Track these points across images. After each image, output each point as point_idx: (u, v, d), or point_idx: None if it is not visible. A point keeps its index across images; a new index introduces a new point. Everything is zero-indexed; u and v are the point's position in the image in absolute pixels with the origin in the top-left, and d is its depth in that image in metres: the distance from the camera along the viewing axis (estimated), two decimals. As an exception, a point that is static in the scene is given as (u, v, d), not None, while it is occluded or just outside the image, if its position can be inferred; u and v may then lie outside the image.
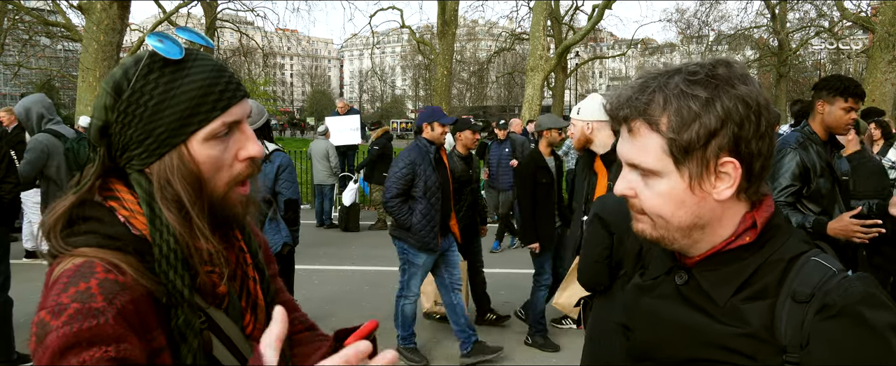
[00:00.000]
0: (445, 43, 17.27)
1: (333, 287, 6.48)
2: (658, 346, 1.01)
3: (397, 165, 4.44)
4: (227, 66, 0.96)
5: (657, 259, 1.08)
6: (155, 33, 0.91)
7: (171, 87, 0.90)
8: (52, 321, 0.79)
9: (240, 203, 0.97)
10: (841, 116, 2.99)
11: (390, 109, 64.85)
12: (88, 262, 0.85)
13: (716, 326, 0.93)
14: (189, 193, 0.91)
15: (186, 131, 0.90)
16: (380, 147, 9.64)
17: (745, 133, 0.90)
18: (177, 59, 0.90)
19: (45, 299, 0.83)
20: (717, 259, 0.97)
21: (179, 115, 0.89)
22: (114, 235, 0.90)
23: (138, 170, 0.92)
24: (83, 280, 0.82)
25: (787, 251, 0.94)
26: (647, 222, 0.98)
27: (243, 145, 0.95)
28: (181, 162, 0.91)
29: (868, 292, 0.86)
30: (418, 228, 4.38)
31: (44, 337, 0.79)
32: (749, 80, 0.92)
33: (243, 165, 0.96)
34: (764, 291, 0.92)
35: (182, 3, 23.66)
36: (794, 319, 0.88)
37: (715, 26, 29.53)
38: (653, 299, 1.04)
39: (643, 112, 0.93)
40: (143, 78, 0.90)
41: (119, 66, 0.94)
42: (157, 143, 0.90)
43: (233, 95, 0.93)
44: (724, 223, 0.96)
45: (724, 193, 0.93)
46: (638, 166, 0.96)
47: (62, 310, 0.79)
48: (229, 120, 0.93)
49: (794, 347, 0.88)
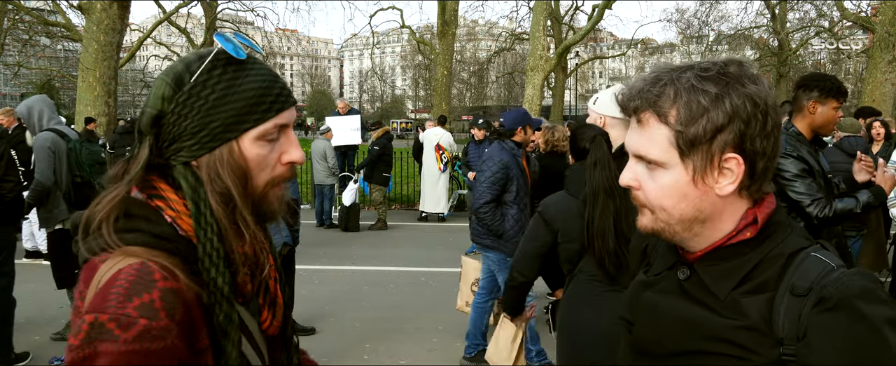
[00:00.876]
0: (445, 43, 17.28)
1: (333, 287, 6.48)
2: (658, 339, 1.03)
3: (489, 169, 4.20)
4: (280, 74, 1.00)
5: (661, 256, 1.10)
6: (221, 33, 0.96)
7: (232, 85, 0.94)
8: (118, 331, 0.80)
9: (277, 201, 1.00)
10: (832, 116, 3.00)
11: (390, 109, 64.84)
12: (145, 265, 0.86)
13: (716, 319, 0.95)
14: (238, 186, 0.94)
15: (241, 128, 0.94)
16: (380, 147, 9.65)
17: (751, 131, 0.92)
18: (241, 59, 0.95)
19: (101, 300, 0.83)
20: (719, 254, 0.98)
21: (237, 112, 0.93)
22: (163, 235, 0.92)
23: (184, 163, 0.94)
24: (146, 291, 0.83)
25: (787, 247, 0.95)
26: (647, 215, 1.00)
27: (287, 149, 1.00)
28: (231, 157, 0.94)
29: (866, 286, 0.87)
30: (512, 235, 4.13)
31: (101, 341, 0.80)
32: (759, 80, 0.95)
33: (285, 168, 1.00)
34: (764, 285, 0.94)
35: (182, 3, 23.66)
36: (792, 312, 0.89)
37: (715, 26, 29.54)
38: (654, 294, 1.06)
39: (654, 104, 0.95)
40: (207, 73, 0.94)
41: (180, 61, 0.97)
42: (210, 136, 0.93)
43: (286, 101, 0.98)
44: (724, 218, 0.97)
45: (726, 189, 0.95)
46: (644, 157, 0.98)
47: (130, 324, 0.80)
48: (280, 123, 0.97)
49: (790, 339, 0.89)
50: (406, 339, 4.98)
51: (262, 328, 1.04)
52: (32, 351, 4.52)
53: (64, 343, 4.68)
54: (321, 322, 5.18)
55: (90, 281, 0.87)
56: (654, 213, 0.99)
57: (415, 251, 6.75)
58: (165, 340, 0.82)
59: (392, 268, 7.31)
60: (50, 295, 5.63)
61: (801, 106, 3.05)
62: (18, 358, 4.36)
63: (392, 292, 6.36)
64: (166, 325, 0.83)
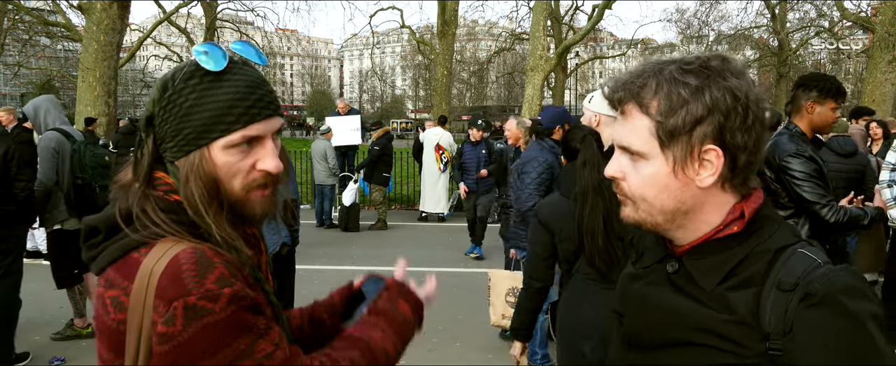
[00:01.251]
0: (445, 43, 17.27)
1: (333, 287, 6.43)
2: (648, 331, 1.04)
3: (534, 169, 4.09)
4: (263, 84, 1.04)
5: (649, 249, 1.11)
6: (205, 43, 1.02)
7: (203, 95, 0.99)
8: (210, 305, 0.91)
9: (259, 205, 1.05)
10: (830, 116, 3.00)
11: (390, 109, 64.83)
12: (196, 248, 0.96)
13: (703, 310, 0.96)
14: (202, 191, 1.00)
15: (209, 137, 0.99)
16: (380, 148, 9.64)
17: (731, 124, 0.94)
18: (216, 70, 1.00)
19: (179, 286, 0.91)
20: (705, 248, 1.00)
21: (205, 121, 0.99)
22: (190, 224, 1.00)
23: (171, 161, 1.02)
24: (211, 267, 0.94)
25: (774, 242, 0.97)
26: (630, 206, 1.03)
27: (262, 158, 1.03)
28: (201, 162, 1.00)
29: (851, 283, 0.88)
30: None
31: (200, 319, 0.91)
32: (742, 74, 0.96)
33: (260, 174, 1.04)
34: (750, 279, 0.95)
35: (182, 3, 23.67)
36: (779, 307, 0.90)
37: (715, 26, 29.54)
38: (643, 286, 1.08)
39: (636, 95, 0.97)
40: (184, 81, 1.00)
41: (175, 67, 1.05)
42: (185, 140, 1.00)
43: (258, 113, 1.02)
44: (707, 211, 0.99)
45: (706, 180, 0.96)
46: (627, 148, 1.00)
47: (217, 296, 0.92)
48: (250, 134, 1.01)
49: (777, 334, 0.90)
50: (406, 339, 4.97)
51: None
52: (32, 351, 4.52)
53: (64, 343, 4.72)
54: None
55: (133, 275, 0.94)
56: (635, 203, 1.01)
57: (415, 251, 6.76)
58: (248, 298, 0.95)
59: (392, 268, 7.27)
60: (50, 295, 5.64)
61: (799, 106, 3.04)
62: (18, 358, 4.36)
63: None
64: (242, 287, 0.95)
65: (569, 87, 40.88)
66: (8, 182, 4.09)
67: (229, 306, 0.92)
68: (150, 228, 0.98)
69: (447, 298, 6.16)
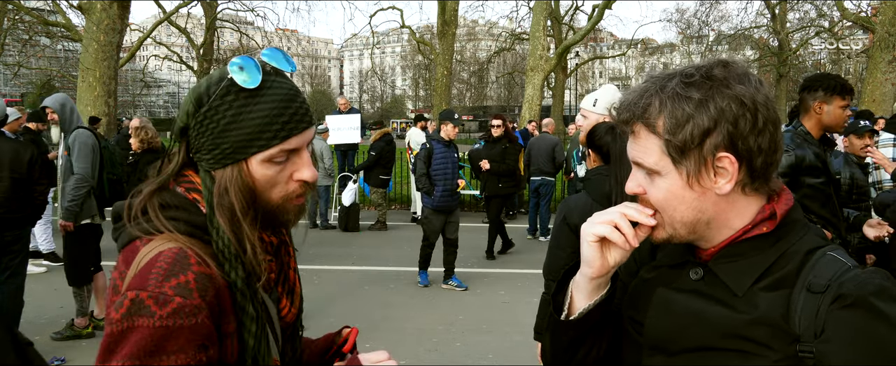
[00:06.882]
0: (445, 43, 17.28)
1: (333, 287, 6.48)
2: (673, 337, 1.03)
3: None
4: (297, 95, 1.05)
5: (669, 251, 1.10)
6: (240, 58, 1.01)
7: (241, 112, 1.00)
8: (155, 307, 0.90)
9: (293, 212, 1.08)
10: (839, 114, 3.01)
11: (390, 108, 64.83)
12: (183, 250, 0.96)
13: (733, 315, 0.95)
14: (242, 203, 1.01)
15: (248, 152, 1.01)
16: (377, 152, 9.55)
17: (741, 130, 0.93)
18: (252, 88, 1.00)
19: (142, 279, 0.92)
20: (734, 249, 0.99)
21: (244, 137, 1.00)
22: (199, 224, 1.02)
23: (206, 170, 1.04)
24: (182, 272, 0.93)
25: (804, 245, 0.97)
26: (658, 225, 1.01)
27: (299, 169, 1.06)
28: (240, 175, 1.02)
29: (883, 285, 0.88)
30: None
31: (139, 316, 0.90)
32: (747, 79, 0.95)
33: (298, 184, 1.07)
34: (782, 281, 0.95)
35: (182, 3, 23.67)
36: (809, 309, 0.90)
37: (715, 26, 29.59)
38: (666, 291, 1.05)
39: (642, 116, 0.98)
40: (220, 98, 1.00)
41: (206, 79, 1.04)
42: (222, 154, 1.01)
43: (295, 126, 1.03)
44: (730, 216, 0.99)
45: (724, 188, 0.96)
46: (642, 165, 1.00)
47: (167, 301, 0.90)
48: (288, 148, 1.03)
49: (808, 336, 0.90)
50: (406, 339, 4.98)
51: (281, 315, 1.12)
52: (32, 351, 4.52)
53: (64, 343, 4.72)
54: (321, 322, 5.17)
55: (131, 261, 0.97)
56: (661, 217, 1.00)
57: (415, 251, 6.75)
58: (196, 317, 0.92)
59: (392, 268, 7.31)
60: (50, 296, 5.65)
61: (807, 107, 3.06)
62: (19, 358, 4.37)
63: (392, 292, 6.36)
64: (198, 304, 0.93)
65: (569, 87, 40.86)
66: (31, 186, 4.19)
67: (172, 316, 0.90)
68: (151, 221, 1.00)
69: (447, 298, 6.17)
